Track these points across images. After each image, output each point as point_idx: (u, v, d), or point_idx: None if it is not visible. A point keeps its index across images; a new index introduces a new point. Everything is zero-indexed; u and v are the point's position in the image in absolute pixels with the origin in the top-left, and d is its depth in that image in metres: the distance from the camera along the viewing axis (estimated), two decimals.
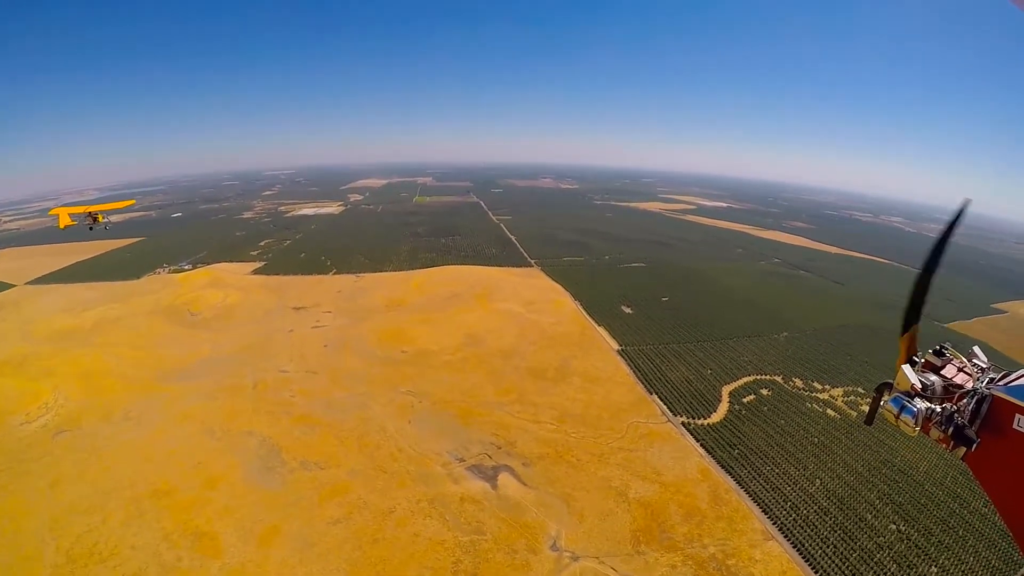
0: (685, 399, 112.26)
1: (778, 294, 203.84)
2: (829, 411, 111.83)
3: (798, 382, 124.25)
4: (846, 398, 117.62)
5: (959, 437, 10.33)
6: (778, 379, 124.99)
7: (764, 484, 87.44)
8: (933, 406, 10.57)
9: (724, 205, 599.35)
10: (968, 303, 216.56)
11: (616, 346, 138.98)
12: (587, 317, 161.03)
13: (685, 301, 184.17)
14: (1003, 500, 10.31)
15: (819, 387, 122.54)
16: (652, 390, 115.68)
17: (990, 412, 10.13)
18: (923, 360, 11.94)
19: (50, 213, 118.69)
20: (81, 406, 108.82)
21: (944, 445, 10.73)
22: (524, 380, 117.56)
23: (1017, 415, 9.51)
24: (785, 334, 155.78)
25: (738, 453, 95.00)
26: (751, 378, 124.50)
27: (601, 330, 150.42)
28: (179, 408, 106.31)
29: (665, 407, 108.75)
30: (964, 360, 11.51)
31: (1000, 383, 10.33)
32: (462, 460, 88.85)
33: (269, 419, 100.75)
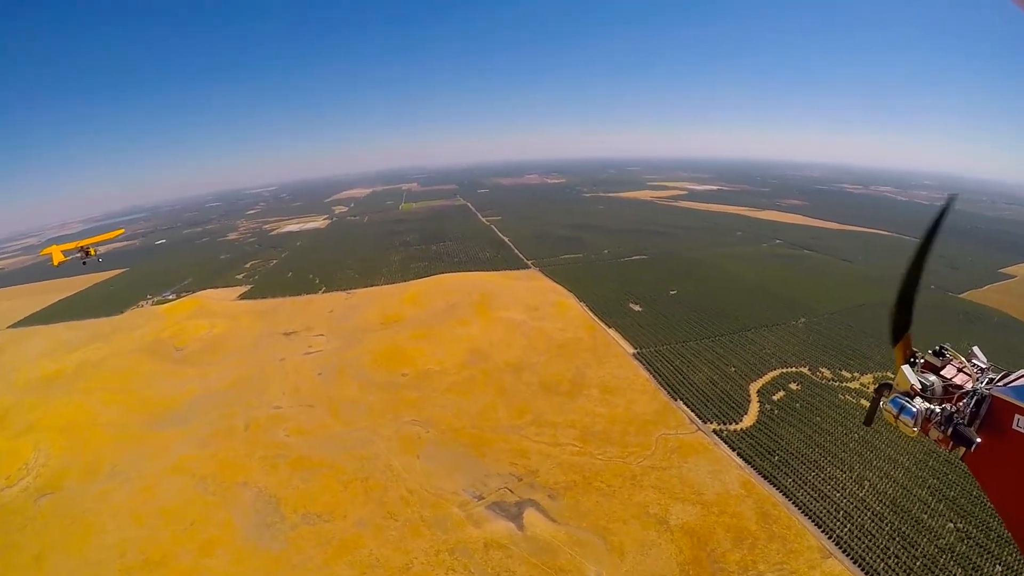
0: (712, 403, 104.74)
1: (787, 277, 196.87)
2: (863, 401, 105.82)
3: (826, 372, 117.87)
4: (877, 385, 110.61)
5: (958, 438, 10.13)
6: (805, 371, 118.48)
7: (812, 493, 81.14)
8: (932, 407, 10.42)
9: (715, 188, 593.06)
10: (975, 271, 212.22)
11: (631, 349, 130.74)
12: (595, 320, 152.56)
13: (694, 293, 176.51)
14: (1003, 500, 10.29)
15: (848, 376, 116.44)
16: (676, 396, 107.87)
17: (990, 412, 10.06)
18: (922, 360, 11.64)
19: (41, 253, 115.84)
20: (65, 463, 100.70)
21: (944, 445, 10.59)
22: (538, 397, 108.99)
23: (1017, 415, 9.49)
24: (803, 320, 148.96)
25: (778, 460, 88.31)
26: (777, 372, 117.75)
27: (612, 333, 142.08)
28: (168, 459, 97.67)
29: (693, 414, 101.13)
30: (964, 360, 11.31)
31: (1000, 383, 10.23)
32: (481, 498, 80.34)
33: (264, 465, 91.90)
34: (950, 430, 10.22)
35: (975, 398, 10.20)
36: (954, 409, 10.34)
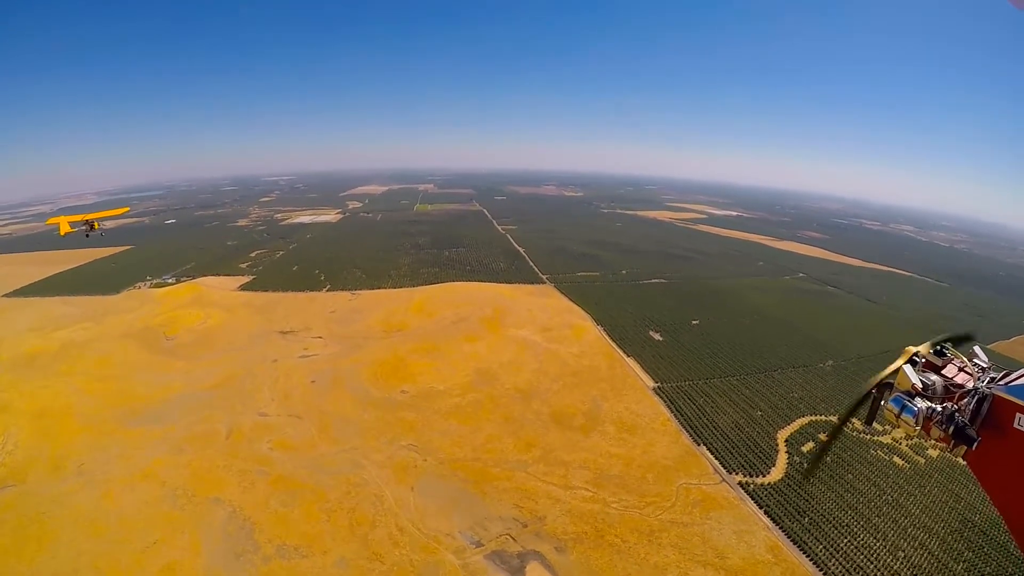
0: (738, 451, 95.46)
1: (813, 314, 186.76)
2: (896, 459, 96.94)
3: (856, 423, 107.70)
4: (910, 441, 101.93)
5: (960, 436, 10.23)
6: (834, 420, 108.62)
7: (844, 563, 72.60)
8: (934, 405, 10.47)
9: (734, 214, 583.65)
10: (1001, 320, 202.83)
11: (651, 383, 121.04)
12: (614, 346, 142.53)
13: (717, 324, 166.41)
14: (1003, 499, 10.31)
15: (879, 428, 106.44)
16: (699, 440, 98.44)
17: (991, 411, 10.12)
18: (924, 360, 11.68)
19: (48, 222, 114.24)
20: (31, 454, 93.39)
21: (944, 444, 10.57)
22: (548, 430, 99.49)
23: (1018, 414, 9.54)
24: (830, 363, 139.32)
25: (809, 522, 79.64)
26: (806, 420, 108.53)
27: (631, 362, 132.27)
28: (139, 462, 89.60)
29: (717, 462, 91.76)
30: (965, 360, 11.38)
31: (1001, 383, 10.29)
32: (480, 544, 71.13)
33: (242, 481, 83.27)
34: (951, 429, 10.37)
35: (976, 397, 10.33)
36: (955, 408, 10.49)
